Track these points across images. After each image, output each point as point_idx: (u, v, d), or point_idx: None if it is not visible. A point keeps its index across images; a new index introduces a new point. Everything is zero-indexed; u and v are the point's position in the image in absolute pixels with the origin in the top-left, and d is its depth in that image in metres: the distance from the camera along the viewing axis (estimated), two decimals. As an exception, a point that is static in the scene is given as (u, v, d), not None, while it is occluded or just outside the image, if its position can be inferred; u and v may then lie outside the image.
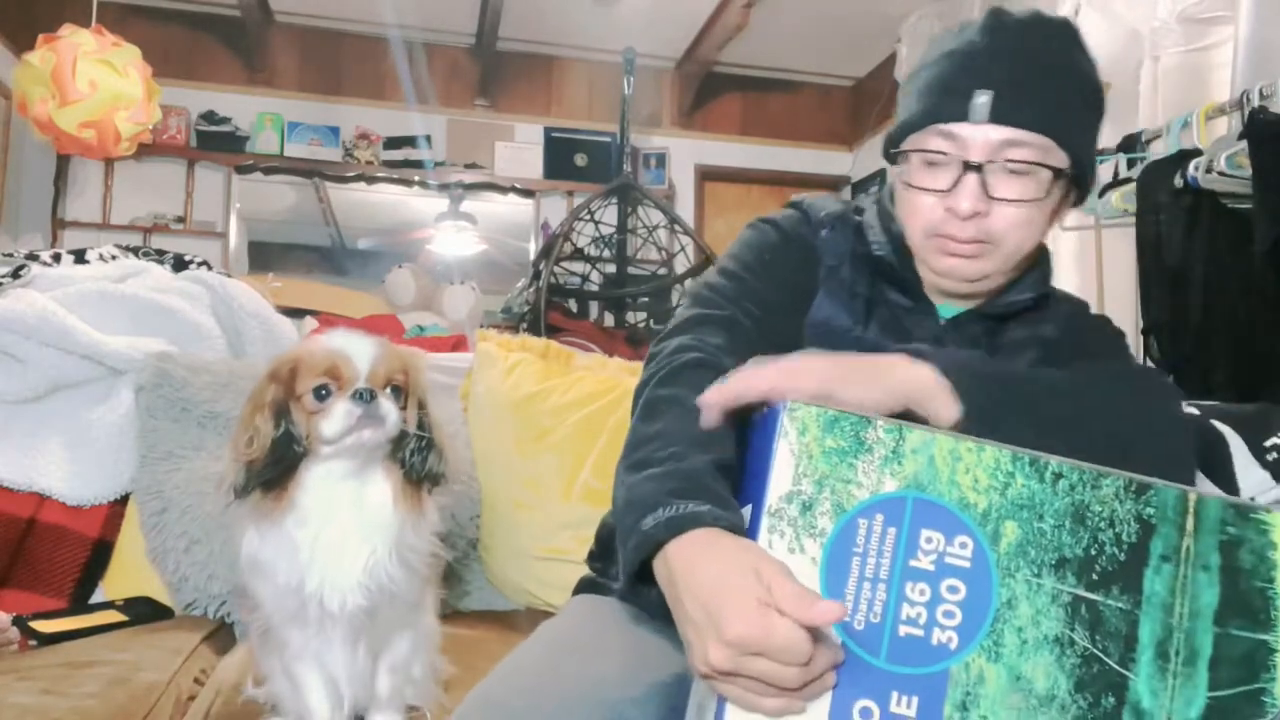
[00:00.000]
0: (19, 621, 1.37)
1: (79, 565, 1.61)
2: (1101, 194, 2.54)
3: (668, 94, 5.68)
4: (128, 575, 1.61)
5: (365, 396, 1.04)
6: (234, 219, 4.94)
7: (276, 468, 1.04)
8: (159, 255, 2.13)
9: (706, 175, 5.76)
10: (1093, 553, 0.64)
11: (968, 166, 0.93)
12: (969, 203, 0.93)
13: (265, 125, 4.92)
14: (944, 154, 0.94)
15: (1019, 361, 1.03)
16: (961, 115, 0.93)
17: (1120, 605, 0.63)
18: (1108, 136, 2.77)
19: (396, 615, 1.14)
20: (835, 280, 1.05)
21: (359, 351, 1.07)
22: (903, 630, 0.62)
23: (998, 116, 0.92)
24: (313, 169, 5.01)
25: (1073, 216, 2.82)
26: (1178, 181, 2.20)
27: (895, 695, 0.61)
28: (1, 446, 1.63)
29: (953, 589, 0.63)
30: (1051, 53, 0.95)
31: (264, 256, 5.25)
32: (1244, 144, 2.02)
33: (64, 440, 1.67)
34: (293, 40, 5.17)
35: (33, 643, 1.36)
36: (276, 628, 1.11)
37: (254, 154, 4.91)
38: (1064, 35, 0.97)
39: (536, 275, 3.97)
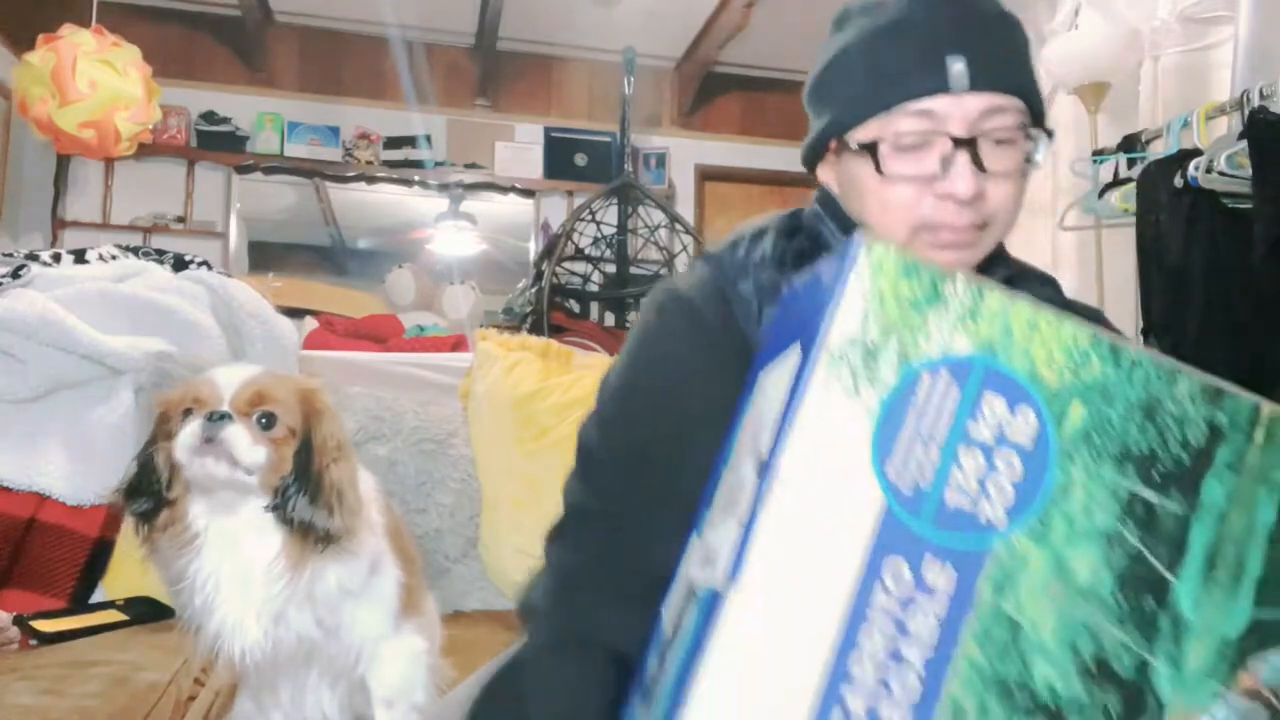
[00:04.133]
0: (19, 621, 1.37)
1: (79, 565, 1.61)
2: (1101, 194, 2.54)
3: (668, 94, 5.68)
4: (128, 575, 1.61)
5: (214, 418, 0.96)
6: (234, 219, 4.94)
7: (141, 496, 1.00)
8: (159, 255, 2.13)
9: (707, 175, 5.75)
10: (1157, 451, 0.60)
11: (958, 143, 0.82)
12: (967, 184, 0.81)
13: (265, 125, 4.91)
14: (922, 134, 0.83)
15: None
16: (939, 87, 0.82)
17: (1176, 509, 0.59)
18: (1107, 136, 2.78)
19: (346, 652, 1.08)
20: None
21: (228, 377, 1.00)
22: (950, 497, 0.58)
23: (977, 83, 0.82)
24: (313, 169, 5.01)
25: (1072, 216, 2.85)
26: (1178, 181, 2.19)
27: (930, 560, 0.58)
28: (1, 446, 1.63)
29: (1008, 463, 0.59)
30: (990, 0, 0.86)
31: (264, 256, 5.24)
32: (1244, 144, 2.02)
33: (64, 440, 1.67)
34: (293, 40, 5.17)
35: (33, 642, 1.36)
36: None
37: (254, 154, 4.90)
38: None
39: (539, 275, 3.97)
